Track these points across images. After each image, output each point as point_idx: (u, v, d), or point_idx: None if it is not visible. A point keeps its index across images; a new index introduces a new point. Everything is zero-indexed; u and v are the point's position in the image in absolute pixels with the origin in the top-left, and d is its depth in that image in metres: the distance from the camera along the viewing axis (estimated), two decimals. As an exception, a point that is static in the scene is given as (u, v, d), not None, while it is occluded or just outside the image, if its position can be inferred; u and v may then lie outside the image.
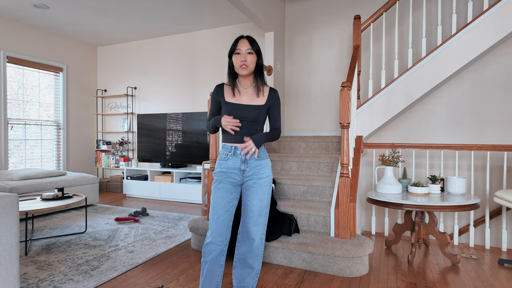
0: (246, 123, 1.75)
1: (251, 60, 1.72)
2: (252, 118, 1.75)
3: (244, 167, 1.77)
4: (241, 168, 1.76)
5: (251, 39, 1.74)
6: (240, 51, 1.72)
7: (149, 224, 3.51)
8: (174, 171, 4.92)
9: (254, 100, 1.78)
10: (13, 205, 1.65)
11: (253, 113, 1.75)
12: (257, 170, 1.77)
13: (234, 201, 1.78)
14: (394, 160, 2.77)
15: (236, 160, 1.76)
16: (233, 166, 1.76)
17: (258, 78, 1.79)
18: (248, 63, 1.71)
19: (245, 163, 1.76)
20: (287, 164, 3.36)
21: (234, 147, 1.75)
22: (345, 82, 2.57)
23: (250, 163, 1.77)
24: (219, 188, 1.76)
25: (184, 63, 5.43)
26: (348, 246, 2.28)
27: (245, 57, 1.71)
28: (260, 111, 1.77)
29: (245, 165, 1.77)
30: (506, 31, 2.80)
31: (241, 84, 1.81)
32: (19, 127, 4.95)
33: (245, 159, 1.76)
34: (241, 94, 1.79)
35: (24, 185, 3.73)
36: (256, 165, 1.77)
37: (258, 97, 1.78)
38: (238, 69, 1.73)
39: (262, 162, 1.79)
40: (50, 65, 5.35)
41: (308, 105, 4.48)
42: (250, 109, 1.74)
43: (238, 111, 1.74)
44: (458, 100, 3.55)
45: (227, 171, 1.76)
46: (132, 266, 2.39)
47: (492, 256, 2.73)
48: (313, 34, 4.44)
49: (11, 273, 1.64)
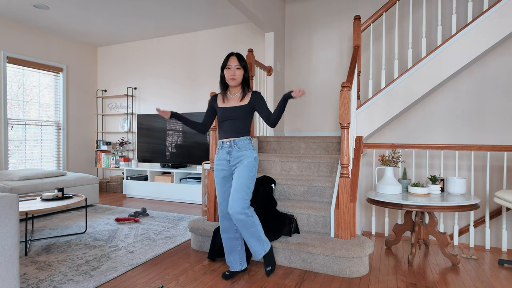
0: (235, 121, 2.16)
1: (239, 74, 2.13)
2: (239, 116, 2.15)
3: (229, 157, 2.17)
4: (227, 158, 2.18)
5: (240, 56, 2.13)
6: (230, 67, 2.13)
7: (149, 225, 3.51)
8: (174, 172, 4.92)
9: (240, 103, 2.18)
10: (13, 206, 1.65)
11: (240, 112, 2.15)
12: (239, 160, 2.14)
13: (229, 189, 2.22)
14: (394, 161, 2.77)
15: (223, 153, 2.19)
16: (222, 157, 2.19)
17: (244, 87, 2.20)
18: (237, 76, 2.13)
19: (229, 154, 2.17)
20: (287, 164, 3.36)
21: (222, 141, 2.20)
22: (345, 82, 2.57)
23: (233, 154, 2.16)
24: (218, 181, 2.23)
25: (184, 63, 5.43)
26: (348, 247, 2.28)
27: (234, 72, 2.12)
28: (246, 110, 2.16)
29: (229, 155, 2.17)
30: (506, 32, 2.80)
31: (231, 92, 2.24)
32: (19, 127, 4.95)
33: (229, 151, 2.16)
34: (229, 99, 2.21)
35: (24, 185, 3.72)
36: (239, 156, 2.14)
37: (243, 99, 2.18)
38: (229, 81, 2.14)
39: (244, 153, 2.14)
40: (50, 65, 5.35)
41: (308, 105, 4.48)
42: (237, 110, 2.15)
43: (229, 111, 2.16)
44: (458, 100, 3.55)
45: (218, 163, 2.20)
46: (132, 267, 2.39)
47: (492, 257, 2.73)
48: (313, 34, 4.44)
49: (11, 274, 1.64)
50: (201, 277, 2.25)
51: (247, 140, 2.17)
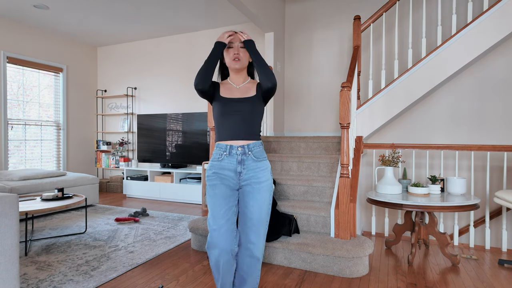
0: (247, 118, 1.63)
1: (245, 53, 1.67)
2: (252, 111, 1.64)
3: (241, 168, 1.60)
4: (237, 170, 1.60)
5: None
6: (233, 45, 1.67)
7: (149, 225, 3.51)
8: (174, 172, 4.92)
9: (247, 93, 1.69)
10: (13, 206, 1.65)
11: (253, 106, 1.64)
12: (255, 173, 1.61)
13: (234, 208, 1.61)
14: (394, 161, 2.77)
15: (231, 161, 1.60)
16: (228, 167, 1.60)
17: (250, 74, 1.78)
18: (241, 56, 1.65)
19: (241, 164, 1.60)
20: (287, 164, 3.36)
21: (229, 146, 1.60)
22: (345, 83, 2.57)
23: (247, 164, 1.60)
24: (215, 194, 1.58)
25: (184, 63, 5.43)
26: (348, 247, 2.28)
27: (238, 50, 1.65)
28: (255, 102, 1.65)
29: (241, 166, 1.60)
30: (506, 32, 2.80)
31: (233, 81, 1.72)
32: (19, 127, 4.95)
33: (242, 160, 1.59)
34: (233, 90, 1.69)
35: (24, 185, 3.72)
36: (254, 167, 1.61)
37: (251, 90, 1.69)
38: (231, 63, 1.66)
39: (261, 164, 1.63)
40: (50, 65, 5.35)
41: (308, 105, 4.48)
42: (248, 102, 1.64)
43: (238, 104, 1.63)
44: (458, 100, 3.55)
45: (222, 173, 1.60)
46: (132, 267, 2.39)
47: (492, 257, 2.73)
48: (313, 34, 4.44)
49: (11, 274, 1.64)
50: (201, 277, 2.25)
51: (261, 146, 1.68)
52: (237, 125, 1.61)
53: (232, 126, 1.61)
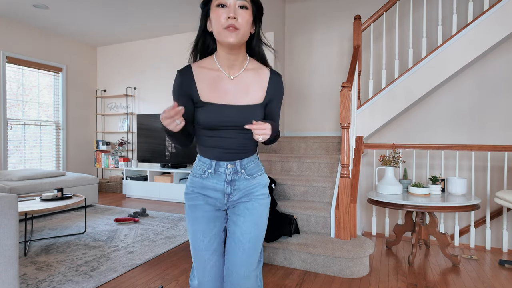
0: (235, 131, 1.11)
1: (245, 20, 1.01)
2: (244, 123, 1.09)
3: (230, 190, 1.16)
4: (226, 191, 1.16)
5: None
6: (226, 3, 1.00)
7: (149, 225, 3.50)
8: (173, 172, 4.91)
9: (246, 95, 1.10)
10: (12, 206, 1.64)
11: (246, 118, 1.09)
12: (249, 193, 1.18)
13: (221, 234, 1.20)
14: (395, 161, 2.76)
15: (218, 181, 1.15)
16: (213, 187, 1.16)
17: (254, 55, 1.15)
18: (240, 24, 1.00)
19: (231, 185, 1.16)
20: (287, 164, 3.35)
21: (215, 162, 1.15)
22: (346, 82, 2.56)
23: (238, 185, 1.17)
24: (196, 218, 1.16)
25: (184, 63, 5.42)
26: (349, 247, 2.28)
27: (234, 12, 0.99)
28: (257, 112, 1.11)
29: (231, 187, 1.16)
30: (506, 31, 2.79)
31: (223, 65, 1.09)
32: (19, 127, 4.94)
33: (231, 180, 1.15)
34: (225, 84, 1.09)
35: (24, 185, 3.71)
36: (247, 186, 1.18)
37: (252, 88, 1.10)
38: (222, 33, 1.00)
39: (256, 182, 1.19)
40: (49, 65, 5.34)
41: (308, 105, 4.47)
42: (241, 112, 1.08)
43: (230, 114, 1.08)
44: (458, 100, 3.54)
45: (205, 193, 1.17)
46: (131, 267, 2.38)
47: (492, 257, 2.72)
48: (313, 34, 4.43)
49: (10, 274, 1.63)
50: (201, 277, 2.25)
51: (257, 160, 1.22)
52: (228, 141, 1.13)
53: (220, 143, 1.13)
